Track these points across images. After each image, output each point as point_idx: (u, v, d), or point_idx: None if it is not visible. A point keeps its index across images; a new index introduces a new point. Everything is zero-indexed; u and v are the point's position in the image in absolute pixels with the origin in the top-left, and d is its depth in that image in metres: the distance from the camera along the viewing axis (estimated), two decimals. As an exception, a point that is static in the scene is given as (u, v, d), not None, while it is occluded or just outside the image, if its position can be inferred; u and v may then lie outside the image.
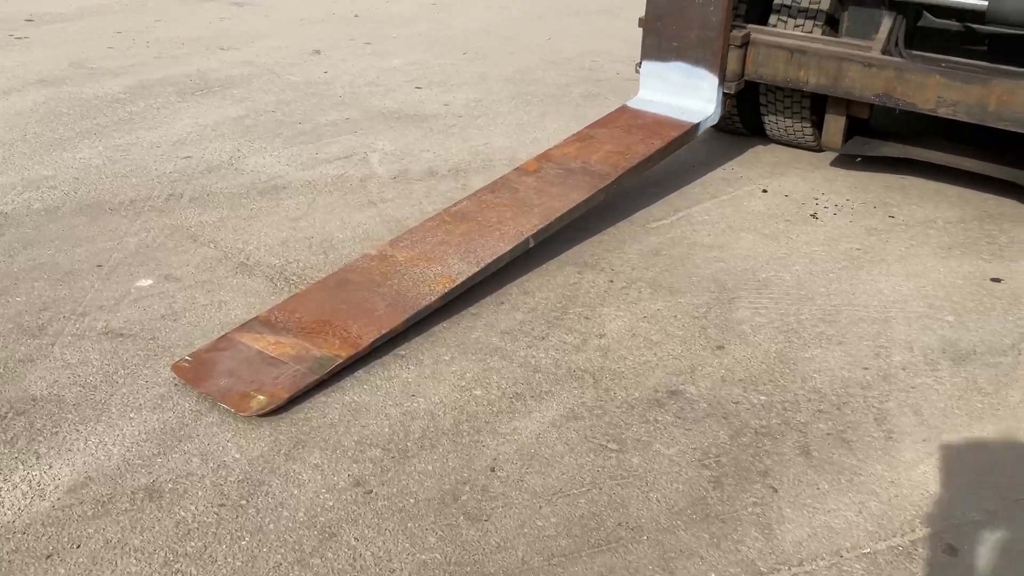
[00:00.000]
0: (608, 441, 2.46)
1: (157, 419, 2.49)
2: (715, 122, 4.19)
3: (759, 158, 4.62)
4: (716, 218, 3.90)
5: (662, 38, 4.15)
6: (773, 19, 4.30)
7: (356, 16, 7.42)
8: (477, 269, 3.08)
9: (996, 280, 3.42)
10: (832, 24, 4.20)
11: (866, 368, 2.84)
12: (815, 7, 4.18)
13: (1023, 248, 3.70)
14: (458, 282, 3.02)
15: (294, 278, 3.27)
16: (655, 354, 2.88)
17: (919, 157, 4.25)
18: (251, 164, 4.32)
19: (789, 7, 4.26)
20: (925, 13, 4.16)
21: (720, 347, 2.93)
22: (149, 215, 3.75)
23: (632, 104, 4.26)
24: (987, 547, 2.14)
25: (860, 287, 3.34)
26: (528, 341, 2.93)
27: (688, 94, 4.18)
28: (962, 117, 3.71)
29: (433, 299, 2.94)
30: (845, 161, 4.51)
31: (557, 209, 3.41)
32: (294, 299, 2.97)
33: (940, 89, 3.70)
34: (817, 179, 4.36)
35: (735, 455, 2.42)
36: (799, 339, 2.99)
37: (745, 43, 4.06)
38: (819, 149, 4.64)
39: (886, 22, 3.91)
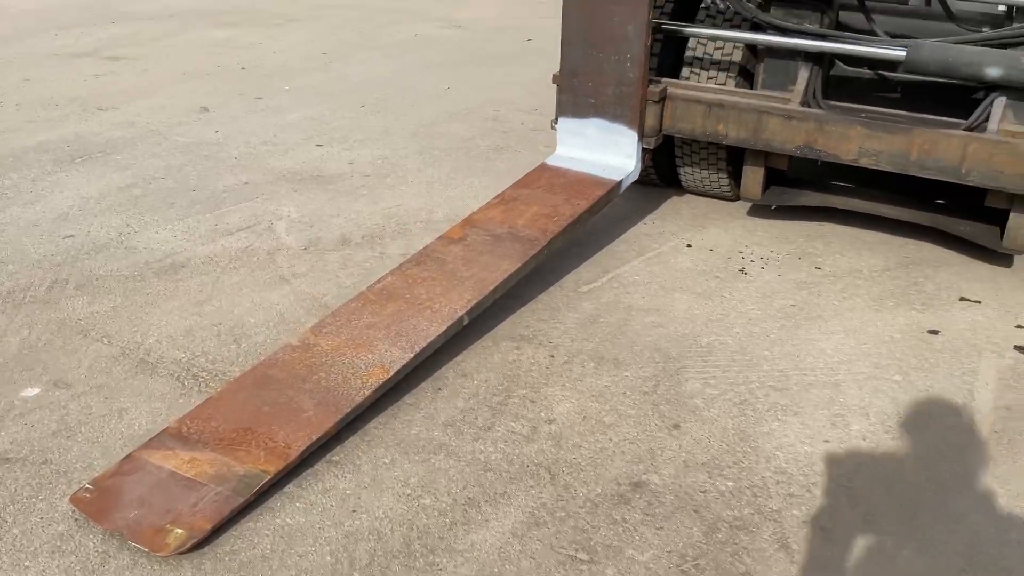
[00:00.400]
0: (577, 550, 2.24)
1: (57, 566, 2.14)
2: (636, 178, 4.08)
3: (678, 210, 4.54)
4: (647, 278, 3.77)
5: (578, 95, 4.02)
6: (685, 71, 4.25)
7: (243, 68, 7.08)
8: (411, 356, 2.83)
9: (933, 332, 3.39)
10: (746, 76, 4.17)
11: (827, 440, 2.72)
12: (728, 59, 4.15)
13: (951, 295, 3.70)
14: (392, 372, 2.77)
15: (204, 375, 2.95)
16: (610, 439, 2.69)
17: (838, 205, 4.25)
18: (143, 241, 3.96)
19: (701, 59, 4.20)
20: (837, 62, 4.17)
21: (676, 426, 2.77)
22: (30, 308, 3.35)
23: (551, 162, 4.11)
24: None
25: (803, 348, 3.25)
26: (474, 433, 2.70)
27: (607, 150, 4.06)
28: (885, 167, 3.70)
29: (367, 393, 2.68)
30: (762, 210, 4.47)
31: (489, 281, 3.20)
32: (208, 404, 2.65)
33: (862, 140, 3.69)
34: (738, 231, 4.30)
35: (714, 556, 2.24)
36: (754, 412, 2.85)
37: (662, 98, 3.98)
38: (735, 199, 4.60)
39: (803, 73, 3.89)
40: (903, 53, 3.56)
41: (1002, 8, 3.53)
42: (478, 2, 10.16)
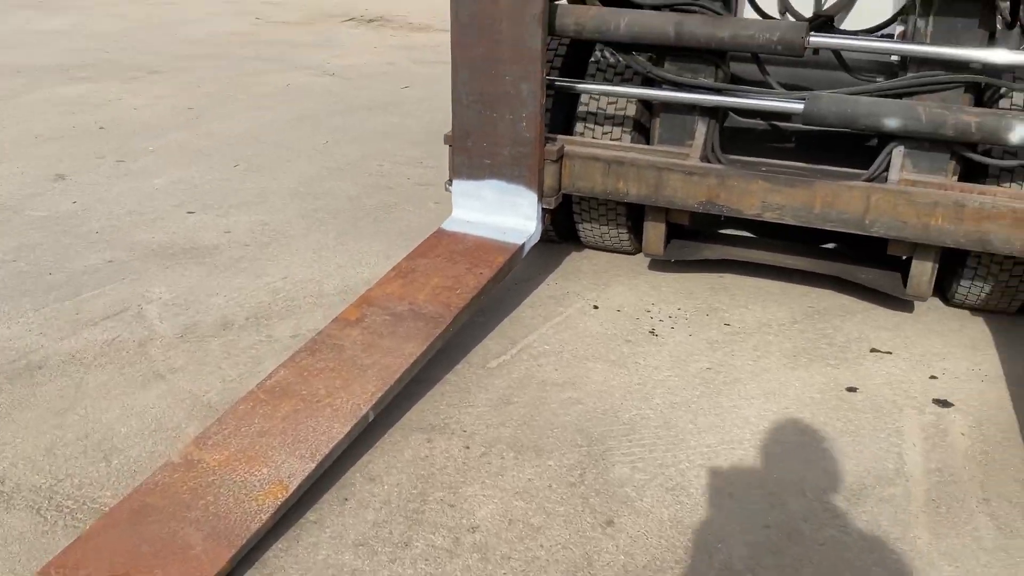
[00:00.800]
0: None
1: None
2: (538, 239, 3.89)
3: (579, 268, 4.38)
4: (557, 346, 3.57)
5: (473, 156, 3.82)
6: (579, 127, 4.11)
7: (101, 128, 6.57)
8: (313, 466, 2.53)
9: (852, 390, 3.32)
10: (641, 130, 4.07)
11: (767, 527, 2.57)
12: (622, 113, 4.03)
13: (862, 346, 3.66)
14: (292, 488, 2.46)
15: (70, 504, 2.55)
16: (541, 545, 2.46)
17: (740, 258, 4.18)
18: (-8, 337, 3.50)
19: (595, 114, 4.08)
20: (731, 113, 4.12)
21: (610, 522, 2.56)
22: None
23: (448, 227, 3.88)
24: None
25: (727, 418, 3.11)
26: (390, 553, 2.41)
27: (506, 212, 3.86)
28: (788, 221, 3.64)
29: (264, 518, 2.36)
30: (664, 264, 4.35)
31: (394, 369, 2.93)
32: (76, 546, 2.27)
33: (764, 194, 3.62)
34: (642, 287, 4.17)
35: None
36: (689, 498, 2.68)
37: (560, 157, 3.82)
38: (636, 252, 4.49)
39: (700, 128, 3.80)
40: (801, 106, 3.52)
41: (894, 57, 3.53)
42: (351, 49, 9.89)
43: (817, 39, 3.44)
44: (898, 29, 3.49)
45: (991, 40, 3.39)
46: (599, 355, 3.52)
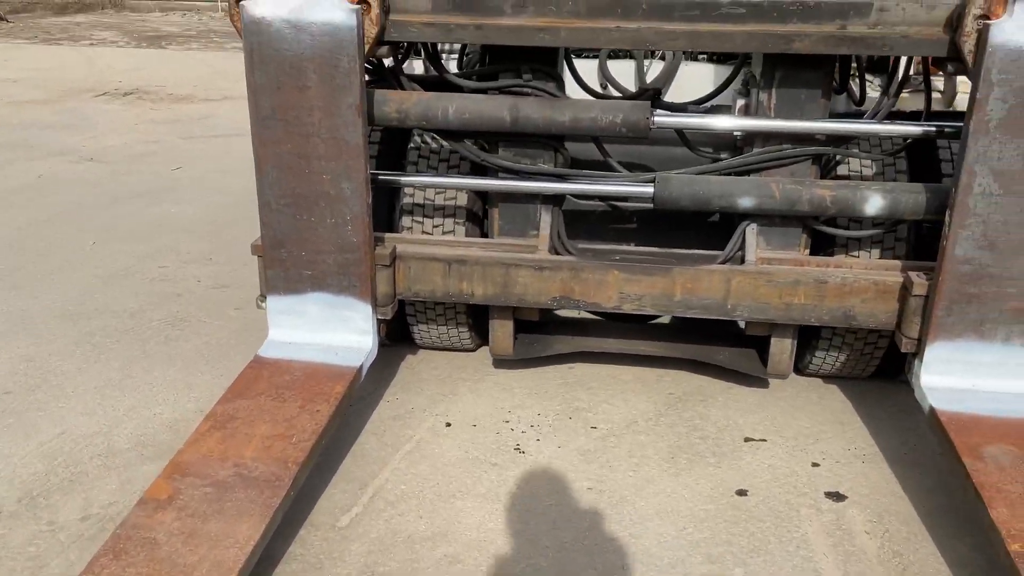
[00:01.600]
0: None
1: None
2: (375, 356, 3.38)
3: (418, 375, 3.90)
4: (416, 485, 3.07)
5: (290, 267, 3.26)
6: (406, 220, 3.66)
7: None
8: None
9: (742, 493, 3.06)
10: (475, 221, 3.68)
11: None
12: (452, 204, 3.62)
13: (734, 436, 3.44)
14: None
15: None
16: None
17: (593, 348, 3.87)
18: None
19: (422, 206, 3.64)
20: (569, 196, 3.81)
21: None
22: None
23: (268, 353, 3.29)
24: None
25: (628, 554, 2.73)
26: None
27: (337, 328, 3.33)
28: (649, 311, 3.37)
29: None
30: (507, 361, 3.96)
31: (229, 566, 2.31)
32: None
33: (621, 285, 3.32)
34: (493, 392, 3.76)
35: None
36: (614, 674, 2.25)
37: (394, 260, 3.35)
38: (475, 349, 4.08)
39: (545, 216, 3.46)
40: (651, 189, 3.26)
41: (737, 133, 3.36)
42: (109, 128, 8.89)
43: (661, 119, 3.20)
44: (739, 103, 3.32)
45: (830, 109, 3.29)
46: (466, 489, 3.05)
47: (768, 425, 3.53)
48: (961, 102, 3.69)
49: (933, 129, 3.16)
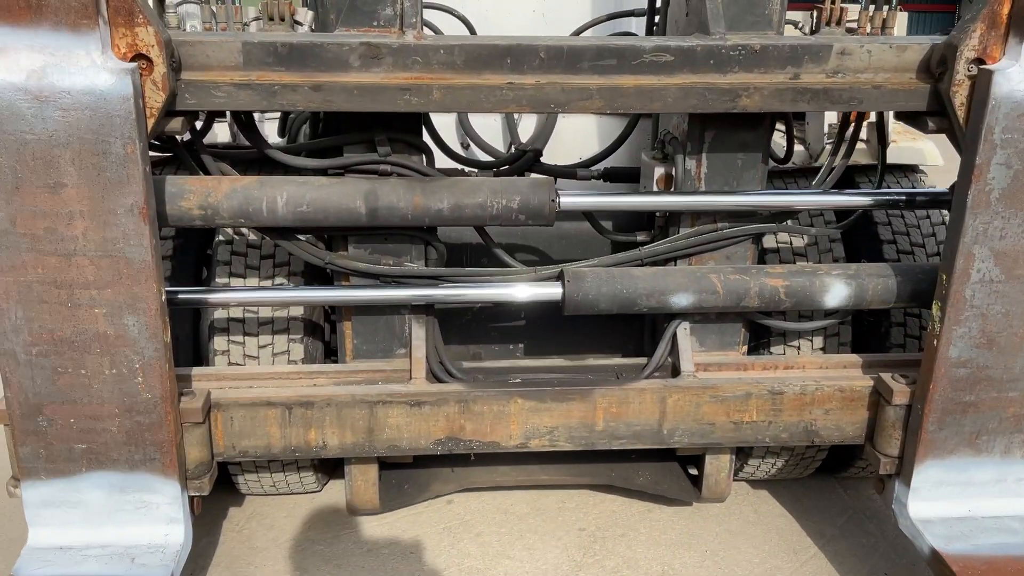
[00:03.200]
0: None
1: None
2: (190, 548, 2.38)
3: (251, 543, 2.92)
4: None
5: (53, 441, 2.23)
6: (219, 341, 2.70)
7: None
8: None
9: None
10: (316, 333, 2.77)
11: None
12: (283, 314, 2.70)
13: (680, 594, 2.70)
14: None
15: None
16: None
17: (484, 485, 3.03)
18: None
19: (242, 321, 2.69)
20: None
21: None
22: None
23: (28, 572, 2.22)
24: None
25: None
26: None
27: (130, 520, 2.32)
28: (565, 446, 2.58)
29: None
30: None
31: None
32: None
33: (527, 416, 2.52)
34: (356, 558, 2.84)
35: None
36: None
37: (207, 412, 2.37)
38: (320, 489, 3.15)
39: (417, 331, 2.60)
40: (559, 290, 2.47)
41: (658, 213, 2.64)
42: None
43: (569, 200, 2.43)
44: (657, 171, 2.59)
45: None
46: None
47: (711, 566, 2.82)
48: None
49: (903, 199, 2.56)
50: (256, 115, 2.56)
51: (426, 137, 2.56)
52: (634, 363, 2.70)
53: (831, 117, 3.08)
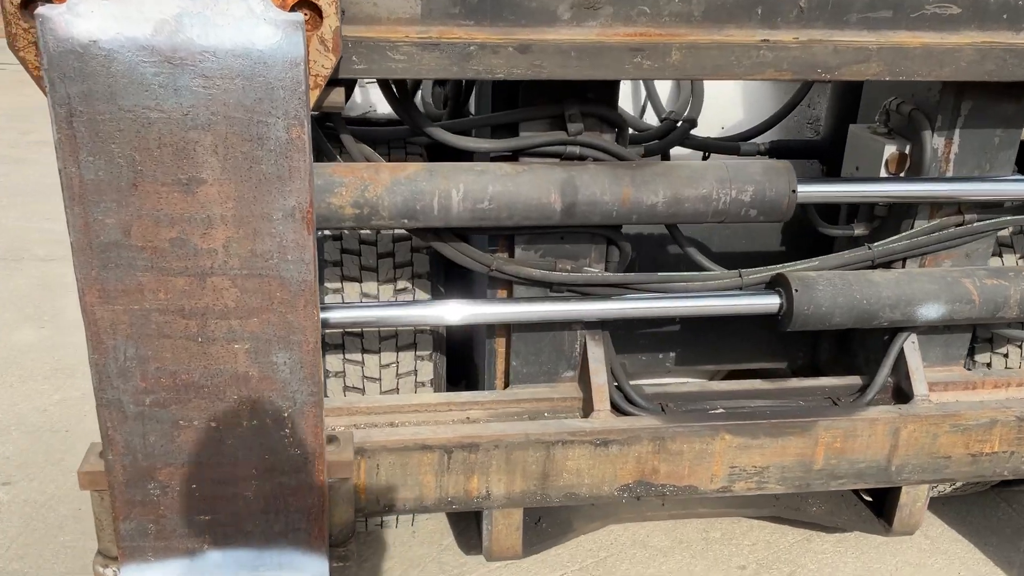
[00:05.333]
0: None
1: None
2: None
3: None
4: None
5: (165, 514, 1.70)
6: (333, 362, 2.18)
7: None
8: None
9: None
10: (442, 350, 2.27)
11: None
12: (410, 328, 2.18)
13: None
14: None
15: None
16: None
17: (635, 520, 2.57)
18: None
19: (359, 336, 2.18)
20: None
21: None
22: None
23: None
24: None
25: None
26: None
27: (262, 603, 1.80)
28: (775, 488, 2.12)
29: None
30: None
31: None
32: None
33: (733, 455, 2.06)
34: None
35: None
36: None
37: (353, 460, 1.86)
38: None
39: (595, 350, 2.10)
40: (776, 301, 2.00)
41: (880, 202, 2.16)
42: None
43: (808, 189, 1.94)
44: (888, 150, 2.10)
45: None
46: None
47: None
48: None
49: None
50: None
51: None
52: (843, 383, 2.24)
53: None
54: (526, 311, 2.00)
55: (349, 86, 1.97)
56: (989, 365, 2.41)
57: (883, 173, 2.12)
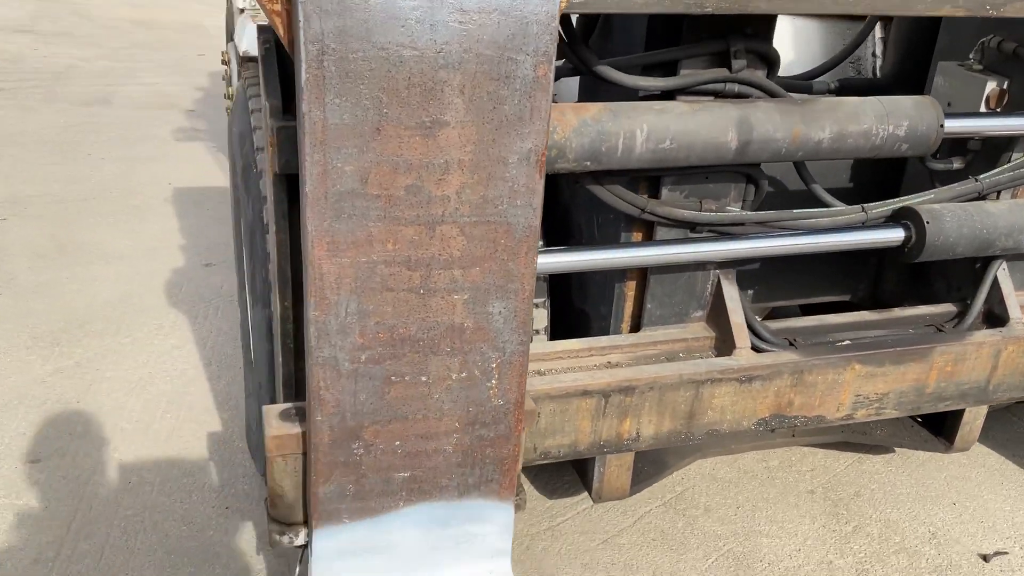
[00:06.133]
0: None
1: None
2: (508, 582, 1.88)
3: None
4: None
5: (368, 471, 1.65)
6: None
7: None
8: None
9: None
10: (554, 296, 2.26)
11: None
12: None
13: (958, 552, 2.46)
14: None
15: None
16: None
17: (717, 454, 2.65)
18: None
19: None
20: None
21: None
22: None
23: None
24: None
25: None
26: None
27: (445, 560, 1.79)
28: (891, 413, 2.24)
29: None
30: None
31: None
32: None
33: (859, 384, 2.15)
34: (601, 553, 2.42)
35: None
36: None
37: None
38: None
39: (729, 290, 2.13)
40: (901, 233, 2.08)
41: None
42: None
43: (953, 124, 2.02)
44: (989, 86, 2.20)
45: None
46: None
47: (970, 521, 2.61)
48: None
49: None
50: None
51: None
52: (938, 311, 2.36)
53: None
54: (671, 252, 2.00)
55: None
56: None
57: (982, 108, 2.22)
